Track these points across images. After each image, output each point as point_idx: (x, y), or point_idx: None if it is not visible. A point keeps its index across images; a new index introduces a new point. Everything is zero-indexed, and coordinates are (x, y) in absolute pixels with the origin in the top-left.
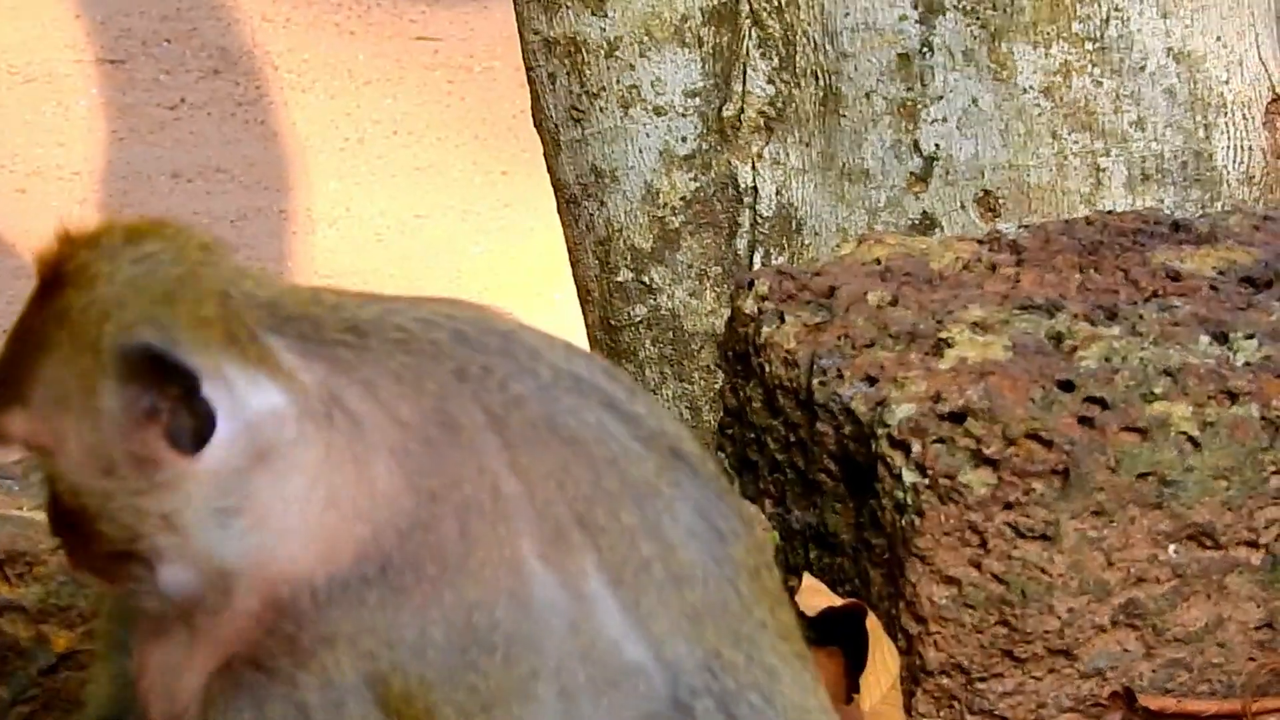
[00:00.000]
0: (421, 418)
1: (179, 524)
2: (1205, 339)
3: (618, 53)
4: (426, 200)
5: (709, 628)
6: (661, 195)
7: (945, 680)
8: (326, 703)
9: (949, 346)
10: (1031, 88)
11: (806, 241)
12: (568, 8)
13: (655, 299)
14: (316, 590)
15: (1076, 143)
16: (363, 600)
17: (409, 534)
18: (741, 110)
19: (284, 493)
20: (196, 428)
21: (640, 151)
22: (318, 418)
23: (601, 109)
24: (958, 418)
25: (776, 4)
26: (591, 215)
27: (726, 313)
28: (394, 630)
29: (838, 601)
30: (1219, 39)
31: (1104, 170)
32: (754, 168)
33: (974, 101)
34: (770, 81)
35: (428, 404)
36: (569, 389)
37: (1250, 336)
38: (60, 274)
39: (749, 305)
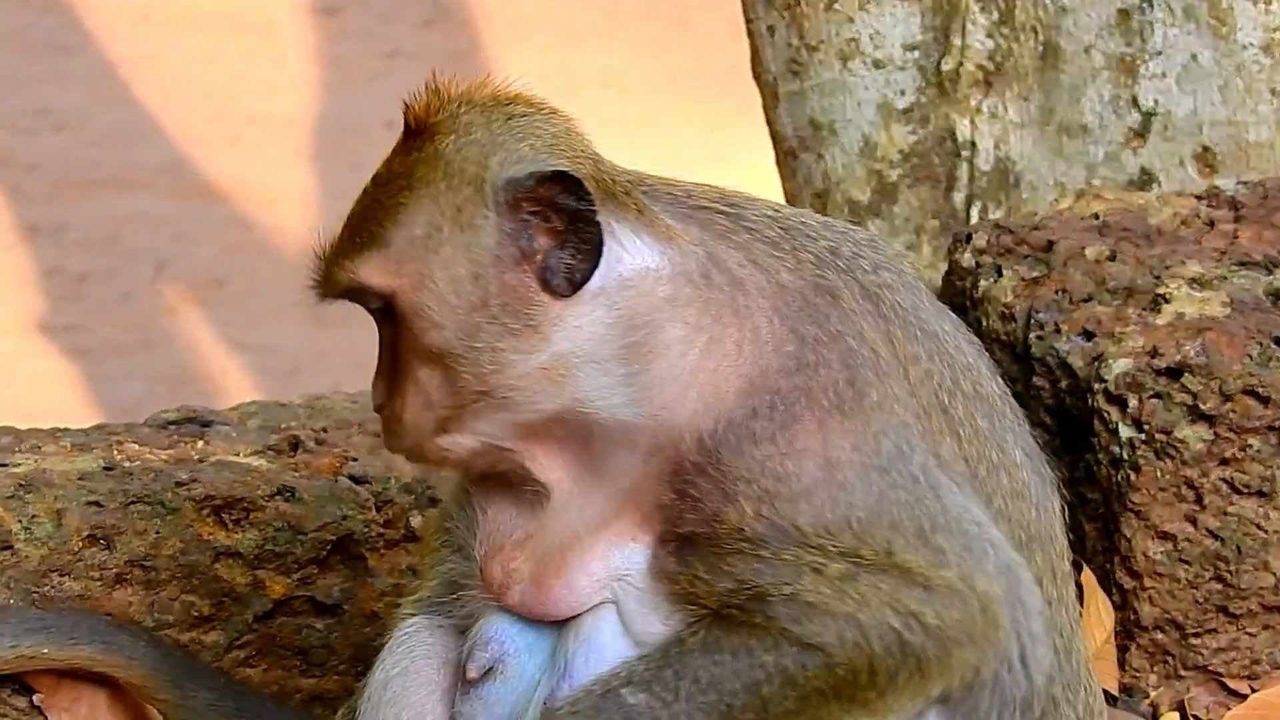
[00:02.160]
0: (801, 283)
1: (550, 366)
2: None
3: (837, 5)
4: (638, 153)
5: (1037, 554)
6: (880, 149)
7: (1159, 635)
8: (754, 558)
9: (1166, 302)
10: (1251, 44)
11: (1024, 196)
12: None
13: None
14: (704, 437)
15: None
16: (751, 433)
17: (795, 371)
18: (960, 64)
19: (663, 340)
20: (574, 269)
21: (859, 105)
22: (694, 277)
23: (820, 62)
24: (1175, 373)
25: None
26: (810, 168)
27: (943, 266)
28: (787, 460)
29: None
30: None
31: None
32: (972, 122)
33: (1193, 57)
34: (989, 35)
35: (806, 271)
36: (925, 294)
37: None
38: (431, 123)
39: (966, 259)
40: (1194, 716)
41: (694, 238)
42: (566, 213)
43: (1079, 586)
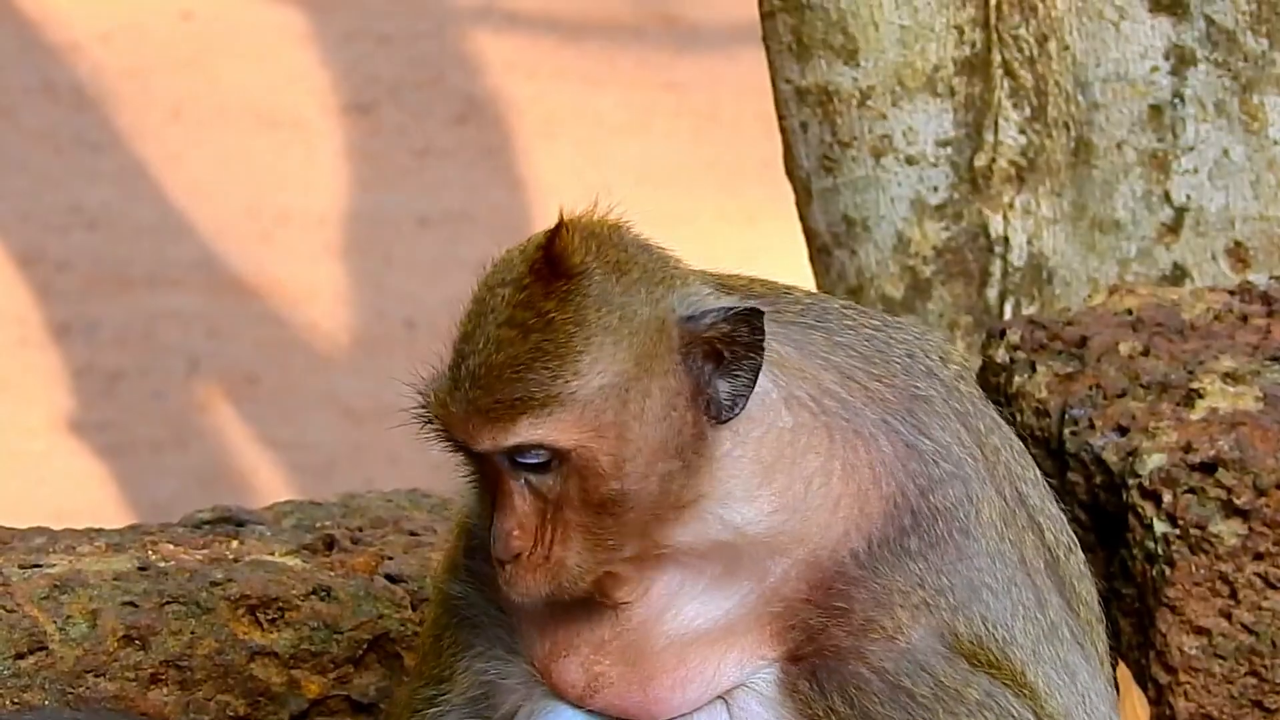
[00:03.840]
0: (896, 395)
1: (712, 496)
2: None
3: (870, 102)
4: (672, 248)
5: (1102, 632)
6: (913, 244)
7: None
8: (905, 664)
9: (1200, 397)
10: None
11: (1057, 291)
12: (820, 57)
13: None
14: (858, 553)
15: None
16: (905, 549)
17: (927, 490)
18: (993, 160)
19: (804, 471)
20: (735, 396)
21: (892, 201)
22: (806, 403)
23: (853, 158)
24: (1209, 468)
25: (1028, 55)
26: (843, 264)
27: (977, 362)
28: (941, 576)
29: None
30: None
31: None
32: (1005, 217)
33: (1225, 153)
34: (1022, 131)
35: (899, 382)
36: (968, 380)
37: None
38: (578, 264)
39: (1000, 355)
40: None
41: (795, 361)
42: (740, 345)
43: (1115, 682)
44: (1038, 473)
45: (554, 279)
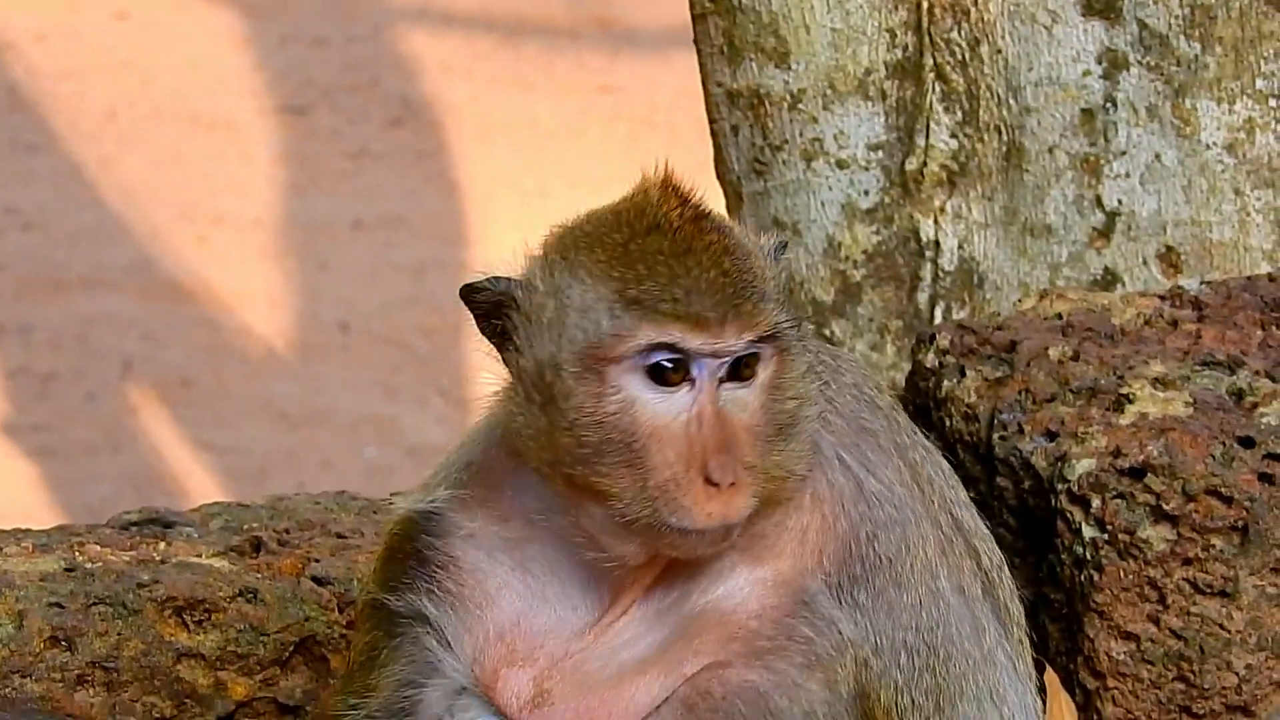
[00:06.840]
0: (845, 423)
1: None
2: None
3: (801, 105)
4: None
5: (1027, 653)
6: (843, 248)
7: None
8: (831, 713)
9: (1130, 402)
10: (1215, 144)
11: (988, 296)
12: (752, 60)
13: None
14: (826, 592)
15: (1259, 199)
16: (857, 603)
17: (871, 538)
18: (924, 164)
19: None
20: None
21: (822, 205)
22: None
23: (784, 162)
24: (1138, 473)
25: (960, 58)
26: None
27: (907, 366)
28: (879, 635)
29: None
30: None
31: None
32: (936, 222)
33: (1157, 157)
34: (953, 136)
35: (848, 412)
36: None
37: None
38: (703, 207)
39: (930, 359)
40: None
41: None
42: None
43: (1042, 687)
44: (966, 494)
45: (693, 204)
